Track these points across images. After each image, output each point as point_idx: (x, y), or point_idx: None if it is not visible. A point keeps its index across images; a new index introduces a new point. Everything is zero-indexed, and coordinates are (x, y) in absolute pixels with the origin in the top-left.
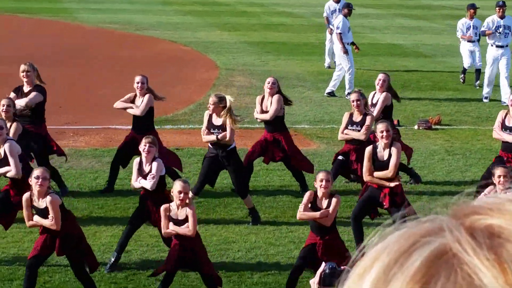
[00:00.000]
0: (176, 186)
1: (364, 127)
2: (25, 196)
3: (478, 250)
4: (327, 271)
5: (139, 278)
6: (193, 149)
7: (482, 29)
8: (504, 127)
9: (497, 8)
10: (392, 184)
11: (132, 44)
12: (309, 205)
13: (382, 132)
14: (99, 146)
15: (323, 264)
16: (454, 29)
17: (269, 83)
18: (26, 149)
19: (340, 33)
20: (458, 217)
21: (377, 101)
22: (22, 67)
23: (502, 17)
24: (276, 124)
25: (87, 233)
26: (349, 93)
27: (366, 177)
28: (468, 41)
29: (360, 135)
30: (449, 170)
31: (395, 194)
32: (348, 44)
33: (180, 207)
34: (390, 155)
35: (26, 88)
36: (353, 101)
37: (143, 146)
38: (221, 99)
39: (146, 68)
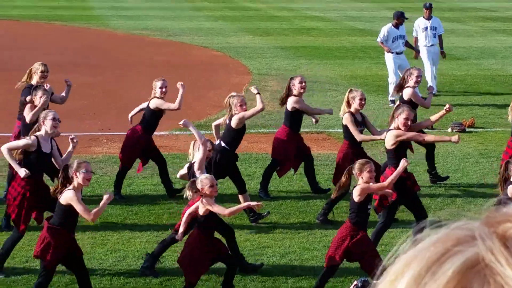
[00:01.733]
0: (206, 181)
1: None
2: (73, 192)
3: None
4: (359, 285)
5: (174, 284)
6: None
7: None
8: None
9: None
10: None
11: (164, 50)
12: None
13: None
14: (115, 154)
15: (356, 280)
16: (487, 30)
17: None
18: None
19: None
20: (491, 224)
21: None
22: (44, 67)
23: None
24: None
25: (122, 239)
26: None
27: (358, 138)
28: None
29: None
30: (483, 173)
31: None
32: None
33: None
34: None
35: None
36: (361, 99)
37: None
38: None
39: (178, 73)
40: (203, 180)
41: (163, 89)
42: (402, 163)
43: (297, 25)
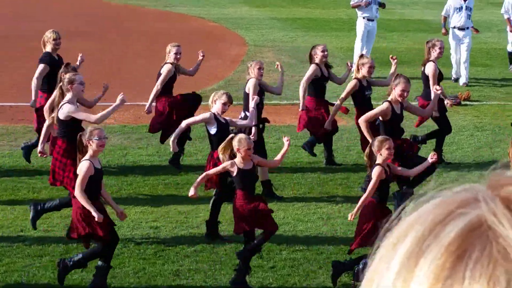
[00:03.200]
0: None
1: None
2: (87, 162)
3: None
4: (360, 266)
5: (168, 254)
6: None
7: None
8: None
9: None
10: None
11: (161, 21)
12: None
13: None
14: (128, 123)
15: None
16: (483, 3)
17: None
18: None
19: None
20: (494, 187)
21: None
22: (56, 34)
23: None
24: None
25: None
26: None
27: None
28: None
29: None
30: (478, 146)
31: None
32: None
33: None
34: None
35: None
36: (371, 67)
37: None
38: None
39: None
40: (242, 140)
41: (178, 55)
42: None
43: None
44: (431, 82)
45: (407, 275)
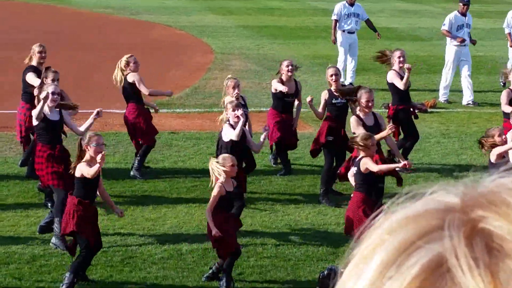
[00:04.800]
0: (228, 160)
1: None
2: (85, 165)
3: (474, 268)
4: (325, 272)
5: (135, 261)
6: (189, 133)
7: None
8: None
9: None
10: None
11: (127, 29)
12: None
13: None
14: (95, 130)
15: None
16: (449, 12)
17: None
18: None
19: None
20: (465, 206)
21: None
22: (41, 48)
23: None
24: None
25: None
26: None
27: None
28: None
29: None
30: (445, 153)
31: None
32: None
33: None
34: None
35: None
36: (332, 75)
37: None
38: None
39: (141, 52)
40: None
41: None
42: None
43: (260, 4)
44: (399, 84)
45: None
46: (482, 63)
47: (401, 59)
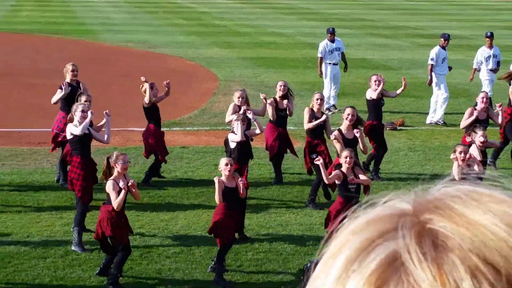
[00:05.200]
0: (223, 161)
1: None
2: (112, 182)
3: (423, 261)
4: (308, 265)
5: (152, 256)
6: (197, 148)
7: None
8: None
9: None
10: None
11: (146, 59)
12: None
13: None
14: (118, 145)
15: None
16: (416, 45)
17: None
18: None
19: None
20: (416, 210)
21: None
22: (73, 67)
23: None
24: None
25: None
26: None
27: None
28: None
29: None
30: (411, 164)
31: None
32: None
33: (228, 177)
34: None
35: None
36: (317, 99)
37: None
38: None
39: (158, 79)
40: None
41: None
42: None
43: (257, 39)
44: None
45: (340, 286)
46: (456, 89)
47: (377, 82)
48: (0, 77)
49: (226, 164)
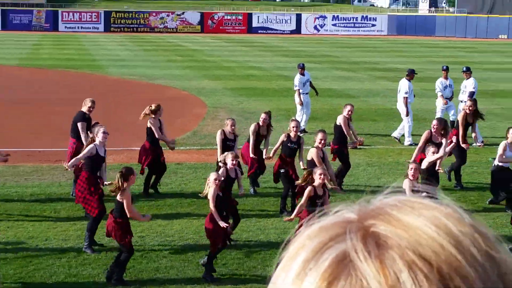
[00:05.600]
0: (212, 176)
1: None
2: (126, 192)
3: (368, 258)
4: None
5: (150, 255)
6: (189, 164)
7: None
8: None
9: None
10: None
11: (146, 89)
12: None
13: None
14: (123, 162)
15: None
16: (373, 77)
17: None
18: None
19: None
20: (361, 217)
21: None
22: (92, 103)
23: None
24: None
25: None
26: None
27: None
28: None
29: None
30: (369, 177)
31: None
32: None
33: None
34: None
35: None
36: (293, 127)
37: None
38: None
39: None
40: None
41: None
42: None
43: (240, 73)
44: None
45: (297, 284)
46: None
47: (350, 112)
48: (25, 104)
49: (215, 179)
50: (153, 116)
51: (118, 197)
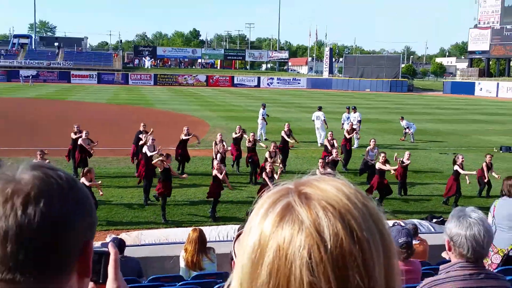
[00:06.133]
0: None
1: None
2: None
3: (301, 204)
4: (248, 211)
5: (178, 205)
6: (200, 156)
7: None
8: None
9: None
10: None
11: (177, 117)
12: None
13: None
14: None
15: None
16: (298, 111)
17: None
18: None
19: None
20: (296, 185)
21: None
22: (143, 127)
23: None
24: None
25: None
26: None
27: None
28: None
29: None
30: (300, 166)
31: None
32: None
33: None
34: None
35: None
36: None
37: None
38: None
39: (180, 124)
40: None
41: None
42: None
43: (227, 108)
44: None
45: (262, 221)
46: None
47: (288, 127)
48: (110, 124)
49: (217, 164)
50: (184, 133)
51: (167, 165)
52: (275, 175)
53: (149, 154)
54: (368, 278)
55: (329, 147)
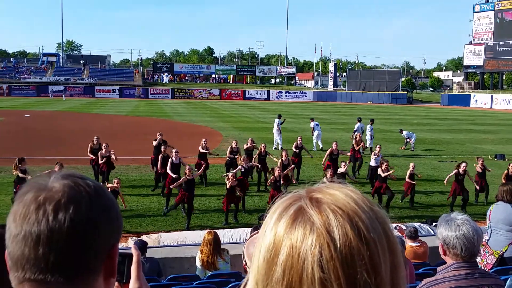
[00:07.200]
0: (230, 174)
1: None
2: None
3: (313, 208)
4: (261, 215)
5: (196, 213)
6: (214, 164)
7: None
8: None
9: None
10: None
11: (192, 128)
12: None
13: None
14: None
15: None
16: (305, 122)
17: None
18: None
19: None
20: (307, 192)
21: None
22: (161, 136)
23: None
24: None
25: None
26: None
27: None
28: None
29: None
30: (311, 175)
31: None
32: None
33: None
34: None
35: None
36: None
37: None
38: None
39: (197, 136)
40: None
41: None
42: None
43: (239, 119)
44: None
45: (276, 223)
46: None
47: (300, 140)
48: (129, 134)
49: (229, 177)
50: (202, 145)
51: (190, 176)
52: (291, 178)
53: (173, 176)
54: (375, 275)
55: (334, 154)
